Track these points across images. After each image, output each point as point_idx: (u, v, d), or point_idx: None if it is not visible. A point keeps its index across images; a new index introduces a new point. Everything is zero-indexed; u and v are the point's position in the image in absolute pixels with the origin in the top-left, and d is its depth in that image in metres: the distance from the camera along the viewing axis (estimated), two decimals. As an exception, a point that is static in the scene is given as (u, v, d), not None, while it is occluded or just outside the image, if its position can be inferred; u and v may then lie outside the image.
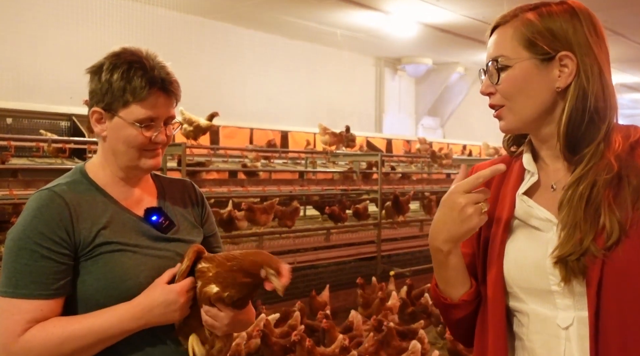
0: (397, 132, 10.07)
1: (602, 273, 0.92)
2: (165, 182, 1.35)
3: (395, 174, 6.38)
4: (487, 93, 1.05)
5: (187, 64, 7.33)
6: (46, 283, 1.11)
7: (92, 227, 1.16)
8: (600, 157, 0.97)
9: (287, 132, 7.13)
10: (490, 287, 1.05)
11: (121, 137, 1.19)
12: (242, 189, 4.31)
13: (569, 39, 0.99)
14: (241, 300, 1.16)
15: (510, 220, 1.06)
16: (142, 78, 1.16)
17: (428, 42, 8.60)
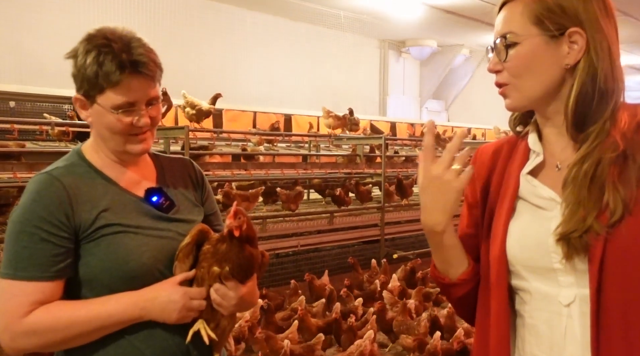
0: (401, 116, 10.03)
1: (604, 251, 0.93)
2: (165, 161, 1.35)
3: (398, 158, 6.35)
4: (495, 71, 1.04)
5: (189, 47, 7.29)
6: (46, 264, 1.12)
7: (93, 209, 1.16)
8: (606, 135, 0.97)
9: (290, 115, 7.10)
10: (494, 265, 1.06)
11: (103, 123, 1.17)
12: (245, 173, 4.31)
13: (579, 15, 0.97)
14: (242, 272, 1.17)
15: (514, 200, 1.06)
16: (112, 62, 1.12)
17: (432, 24, 8.51)
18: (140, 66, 1.14)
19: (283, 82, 8.39)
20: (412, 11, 7.77)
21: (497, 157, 1.13)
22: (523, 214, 1.05)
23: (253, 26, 8.06)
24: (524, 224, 1.04)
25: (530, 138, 1.08)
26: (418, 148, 7.03)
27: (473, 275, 1.09)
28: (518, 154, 1.10)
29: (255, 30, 8.07)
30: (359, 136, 5.81)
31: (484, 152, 1.17)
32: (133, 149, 1.20)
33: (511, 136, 1.15)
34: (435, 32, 9.25)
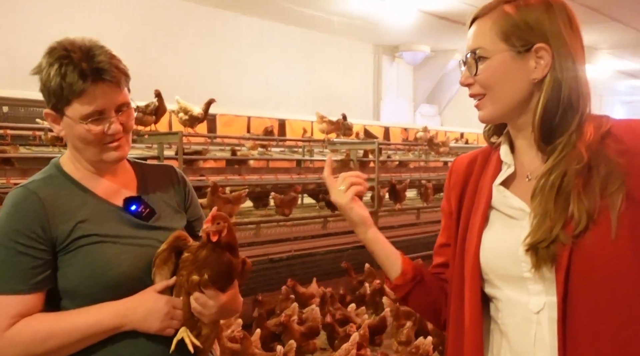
0: (395, 120, 10.06)
1: (570, 260, 0.96)
2: (146, 168, 1.34)
3: (392, 162, 6.38)
4: (466, 84, 1.08)
5: (183, 51, 7.29)
6: (25, 277, 1.12)
7: (70, 221, 1.16)
8: (572, 147, 1.00)
9: (284, 120, 7.12)
10: (468, 274, 1.09)
11: (75, 135, 1.17)
12: (239, 178, 4.32)
13: (544, 31, 1.01)
14: (222, 280, 1.17)
15: (487, 210, 1.10)
16: (74, 73, 1.12)
17: (426, 30, 8.56)
18: (102, 73, 1.14)
19: (277, 86, 8.40)
20: (406, 17, 7.81)
21: (472, 168, 1.17)
22: (495, 224, 1.08)
23: (247, 31, 8.08)
24: (497, 234, 1.07)
25: (502, 150, 1.12)
26: (412, 153, 7.07)
27: (406, 283, 1.16)
28: (491, 165, 1.13)
29: (249, 35, 8.09)
30: (352, 141, 5.83)
31: (460, 163, 1.21)
32: (109, 158, 1.19)
33: (486, 146, 1.19)
34: (429, 37, 9.30)
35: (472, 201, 1.13)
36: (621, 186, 0.96)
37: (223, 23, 7.77)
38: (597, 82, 13.17)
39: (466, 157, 1.21)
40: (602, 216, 0.96)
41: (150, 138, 3.94)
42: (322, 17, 7.94)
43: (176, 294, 1.19)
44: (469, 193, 1.14)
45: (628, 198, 0.95)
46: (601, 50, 10.18)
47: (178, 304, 1.17)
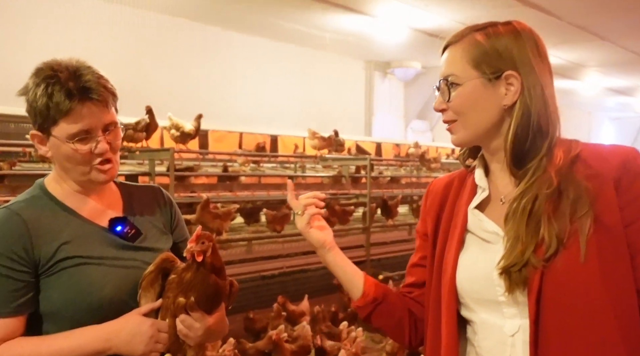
0: (386, 136, 10.10)
1: (541, 283, 0.98)
2: (132, 189, 1.33)
3: (384, 178, 6.39)
4: (440, 109, 1.10)
5: (175, 68, 7.30)
6: (6, 300, 1.10)
7: (53, 242, 1.14)
8: (543, 171, 1.02)
9: (276, 136, 7.12)
10: (445, 297, 1.10)
11: (62, 155, 1.16)
12: (231, 194, 4.30)
13: (513, 59, 1.04)
14: (209, 302, 1.15)
15: (463, 233, 1.11)
16: (60, 92, 1.12)
17: (417, 46, 8.64)
18: (89, 92, 1.13)
19: (269, 102, 8.42)
20: (397, 34, 7.89)
21: (448, 191, 1.19)
22: (471, 248, 1.10)
23: (240, 48, 8.12)
24: (472, 258, 1.09)
25: (476, 174, 1.14)
26: (403, 168, 7.09)
27: (365, 305, 1.18)
28: (467, 188, 1.15)
29: (241, 52, 8.13)
30: (344, 157, 5.84)
31: (436, 186, 1.23)
32: (97, 178, 1.18)
33: (461, 170, 1.21)
34: (420, 54, 9.39)
35: (448, 225, 1.14)
36: (589, 210, 0.98)
37: (215, 39, 7.80)
38: (586, 98, 13.33)
39: (442, 180, 1.23)
40: (571, 240, 0.97)
41: (141, 154, 3.92)
42: (314, 34, 8.00)
43: (162, 317, 1.17)
44: (446, 216, 1.15)
45: (596, 222, 0.97)
46: (590, 67, 10.32)
47: (163, 327, 1.15)
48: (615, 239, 0.98)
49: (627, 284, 0.98)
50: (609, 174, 1.00)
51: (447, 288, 1.09)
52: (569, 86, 11.86)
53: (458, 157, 1.21)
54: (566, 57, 9.34)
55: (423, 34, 7.84)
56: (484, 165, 1.14)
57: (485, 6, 6.63)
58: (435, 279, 1.14)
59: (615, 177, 1.00)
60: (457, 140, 1.11)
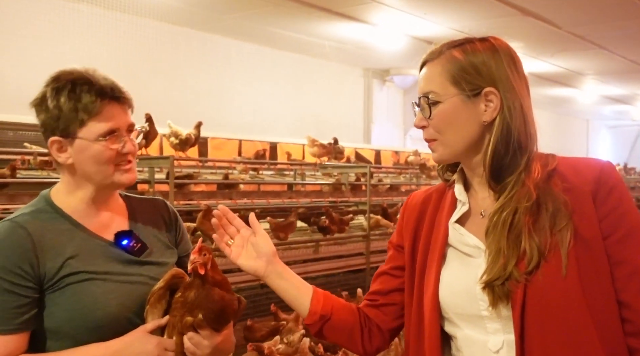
0: (385, 143, 10.11)
1: (525, 297, 0.97)
2: (136, 202, 1.30)
3: (383, 186, 6.38)
4: (421, 126, 1.10)
5: (174, 75, 7.31)
6: (9, 317, 1.07)
7: (58, 257, 1.11)
8: (522, 185, 1.02)
9: (275, 143, 7.12)
10: (427, 312, 1.09)
11: (88, 157, 1.14)
12: (231, 202, 4.28)
13: (492, 75, 1.04)
14: (216, 318, 1.13)
15: (444, 247, 1.11)
16: (90, 93, 1.12)
17: (415, 54, 8.63)
18: (117, 91, 1.15)
19: (268, 110, 8.43)
20: (395, 42, 7.92)
21: (426, 205, 1.19)
22: (452, 262, 1.10)
23: (238, 56, 8.13)
24: (454, 272, 1.08)
25: (456, 188, 1.14)
26: (402, 176, 7.09)
27: (314, 321, 1.17)
28: (446, 202, 1.15)
29: (240, 60, 8.14)
30: (344, 165, 5.84)
31: (414, 200, 1.23)
32: (120, 179, 1.17)
33: (440, 184, 1.21)
34: (418, 61, 9.38)
35: (428, 239, 1.14)
36: (569, 223, 0.99)
37: (214, 47, 7.82)
38: (583, 106, 13.38)
39: (421, 194, 1.23)
40: (552, 253, 0.98)
41: (141, 162, 3.90)
42: (313, 42, 8.03)
43: (168, 335, 1.14)
44: (425, 230, 1.15)
45: (575, 235, 0.98)
46: (587, 76, 10.36)
47: (169, 345, 1.13)
48: (594, 251, 0.99)
49: (608, 296, 0.99)
50: (586, 188, 1.01)
51: (429, 303, 1.09)
52: (567, 94, 11.90)
53: (437, 172, 1.21)
54: (564, 65, 9.38)
55: (422, 41, 7.87)
56: (464, 179, 1.14)
57: (483, 15, 6.66)
58: (416, 294, 1.13)
59: (592, 190, 1.01)
60: (438, 158, 1.11)
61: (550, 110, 12.90)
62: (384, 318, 1.21)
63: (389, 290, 1.21)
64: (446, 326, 1.10)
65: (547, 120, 3.39)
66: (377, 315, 1.21)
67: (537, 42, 7.70)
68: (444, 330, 1.10)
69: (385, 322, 1.21)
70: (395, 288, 1.21)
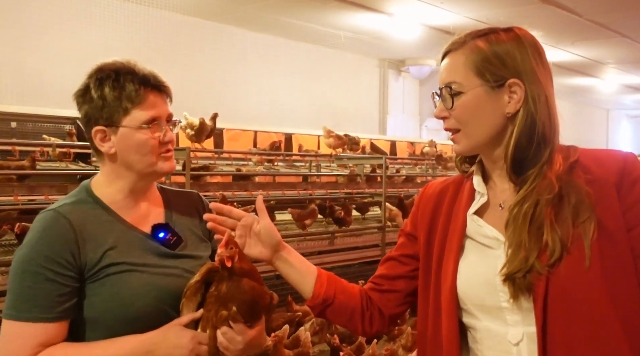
0: (401, 134, 10.05)
1: (547, 289, 0.96)
2: (172, 194, 1.32)
3: (399, 177, 6.35)
4: (442, 117, 1.09)
5: (190, 66, 7.33)
6: (50, 306, 1.09)
7: (98, 248, 1.13)
8: (543, 177, 1.01)
9: (290, 134, 7.12)
10: (445, 304, 1.09)
11: (132, 145, 1.17)
12: (247, 193, 4.29)
13: (517, 67, 1.03)
14: (249, 310, 1.14)
15: (462, 239, 1.10)
16: (134, 81, 1.15)
17: (432, 44, 8.57)
18: (158, 81, 1.18)
19: (283, 101, 8.42)
20: (411, 31, 7.84)
21: (443, 196, 1.18)
22: (471, 253, 1.09)
23: (253, 46, 8.12)
24: (472, 263, 1.08)
25: (475, 180, 1.13)
26: (418, 167, 7.04)
27: (316, 304, 1.18)
28: (464, 194, 1.14)
29: (255, 50, 8.13)
30: (359, 156, 5.81)
31: (430, 190, 1.22)
32: (162, 168, 1.20)
33: (457, 175, 1.20)
34: (434, 51, 9.29)
35: (445, 230, 1.13)
36: (592, 214, 0.97)
37: (229, 39, 7.81)
38: (604, 96, 13.15)
39: (437, 184, 1.22)
40: (574, 245, 0.97)
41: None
42: (328, 33, 7.98)
43: (202, 328, 1.15)
44: (442, 221, 1.14)
45: (598, 226, 0.97)
46: (608, 65, 10.17)
47: (203, 339, 1.14)
48: (618, 244, 0.98)
49: (632, 288, 0.98)
50: (609, 179, 1.00)
51: (447, 295, 1.08)
52: (587, 84, 11.70)
53: (455, 163, 1.20)
54: (585, 54, 9.21)
55: (438, 31, 7.78)
56: (482, 170, 1.13)
57: (501, 3, 6.55)
58: (434, 285, 1.13)
59: (616, 182, 1.00)
60: (460, 149, 1.10)
61: (569, 100, 12.71)
62: (387, 303, 1.21)
63: (394, 276, 1.21)
64: (464, 317, 1.09)
65: (567, 110, 3.35)
66: (380, 299, 1.21)
67: (557, 31, 7.57)
68: (462, 322, 1.09)
69: (387, 308, 1.22)
70: (401, 275, 1.21)
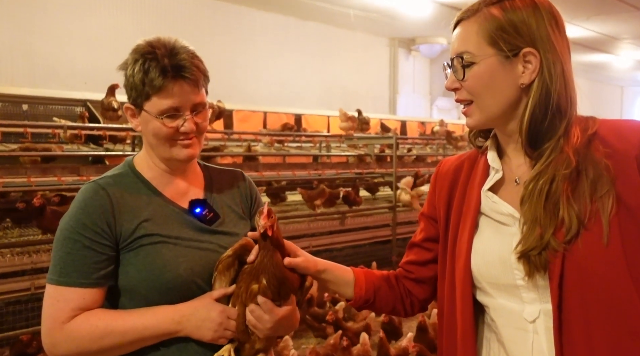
0: (411, 114, 9.98)
1: (563, 266, 0.94)
2: (214, 172, 1.35)
3: (409, 157, 6.32)
4: (453, 88, 1.06)
5: (199, 47, 7.23)
6: (88, 271, 1.13)
7: (134, 219, 1.17)
8: (560, 151, 0.98)
9: (300, 115, 7.10)
10: (459, 281, 1.07)
11: (150, 130, 1.19)
12: (257, 174, 4.31)
13: (532, 35, 0.98)
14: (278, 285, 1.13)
15: (476, 216, 1.08)
16: (156, 69, 1.14)
17: (442, 22, 8.42)
18: (182, 70, 1.16)
19: (293, 81, 8.38)
20: (422, 9, 7.73)
21: (458, 173, 1.15)
22: (485, 230, 1.07)
23: (263, 26, 8.06)
24: (487, 241, 1.06)
25: (489, 155, 1.10)
26: (429, 147, 7.01)
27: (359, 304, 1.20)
28: (478, 170, 1.12)
29: (265, 30, 8.07)
30: (369, 136, 5.79)
31: (446, 168, 1.20)
32: (179, 155, 1.20)
33: (472, 151, 1.17)
34: (445, 29, 9.08)
35: (460, 208, 1.11)
36: (610, 189, 0.94)
37: (238, 18, 7.76)
38: (619, 73, 12.91)
39: (453, 161, 1.20)
40: (592, 221, 0.94)
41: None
42: (338, 11, 7.89)
43: (232, 304, 1.17)
44: (457, 199, 1.13)
45: (617, 201, 0.93)
46: (623, 40, 9.96)
47: (232, 314, 1.16)
48: (638, 220, 0.94)
49: None
50: (630, 152, 0.96)
51: (461, 273, 1.07)
52: (602, 60, 11.49)
53: (469, 138, 1.17)
54: (600, 29, 9.02)
55: (449, 8, 7.65)
56: (497, 145, 1.10)
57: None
58: (449, 264, 1.11)
59: (637, 155, 0.95)
60: (473, 123, 1.06)
61: (583, 77, 12.50)
62: (421, 290, 1.23)
63: (422, 262, 1.21)
64: (478, 295, 1.08)
65: (580, 87, 3.30)
66: (414, 288, 1.23)
67: (571, 6, 7.41)
68: (477, 300, 1.08)
69: (422, 294, 1.23)
70: (429, 260, 1.21)
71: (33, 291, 2.97)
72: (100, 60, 5.63)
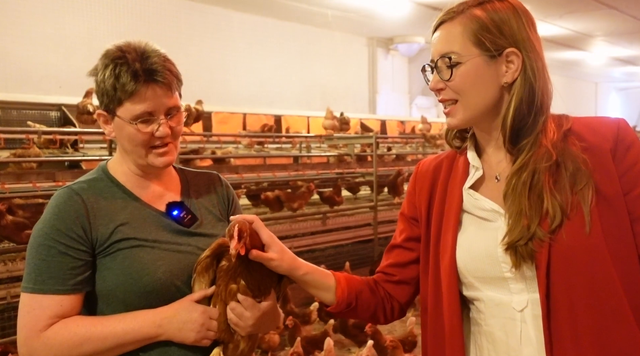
0: (391, 113, 10.02)
1: (549, 256, 0.98)
2: (190, 175, 1.33)
3: (389, 156, 6.35)
4: (437, 89, 1.08)
5: (177, 49, 7.22)
6: (64, 278, 1.11)
7: (110, 223, 1.15)
8: (539, 146, 1.02)
9: (280, 116, 7.08)
10: (445, 278, 1.09)
11: (124, 136, 1.17)
12: (237, 176, 4.28)
13: (514, 36, 1.03)
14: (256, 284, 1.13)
15: (459, 213, 1.10)
16: (127, 73, 1.12)
17: (420, 21, 8.50)
18: (154, 74, 1.14)
19: (272, 82, 8.35)
20: (399, 8, 7.77)
21: (438, 173, 1.18)
22: (469, 227, 1.09)
23: (240, 27, 8.01)
24: (471, 237, 1.08)
25: (469, 154, 1.13)
26: (409, 145, 7.05)
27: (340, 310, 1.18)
28: (458, 169, 1.14)
29: (242, 31, 8.02)
30: (349, 136, 5.80)
31: (425, 168, 1.22)
32: (155, 162, 1.18)
33: (450, 151, 1.20)
34: (423, 28, 9.24)
35: (442, 206, 1.13)
36: (589, 181, 0.99)
37: (216, 20, 7.70)
38: (592, 69, 13.16)
39: (431, 161, 1.22)
40: (574, 212, 0.98)
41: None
42: (316, 11, 7.88)
43: (213, 304, 1.16)
44: (438, 198, 1.14)
45: (597, 193, 0.98)
46: (596, 37, 10.15)
47: (214, 314, 1.15)
48: (616, 208, 0.99)
49: (631, 252, 1.00)
50: (604, 146, 1.01)
51: (447, 270, 1.09)
52: (576, 57, 11.69)
53: (446, 139, 1.19)
54: (573, 27, 9.18)
55: (426, 7, 7.71)
56: (475, 144, 1.13)
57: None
58: (432, 261, 1.13)
59: (611, 148, 1.01)
60: (457, 122, 1.09)
61: (558, 73, 12.70)
62: (402, 293, 1.22)
63: (404, 263, 1.21)
64: (465, 291, 1.10)
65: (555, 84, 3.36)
66: (395, 291, 1.22)
67: (545, 4, 7.52)
68: (463, 295, 1.10)
69: (404, 296, 1.23)
70: (411, 261, 1.21)
71: (9, 301, 2.91)
72: (75, 63, 5.53)
